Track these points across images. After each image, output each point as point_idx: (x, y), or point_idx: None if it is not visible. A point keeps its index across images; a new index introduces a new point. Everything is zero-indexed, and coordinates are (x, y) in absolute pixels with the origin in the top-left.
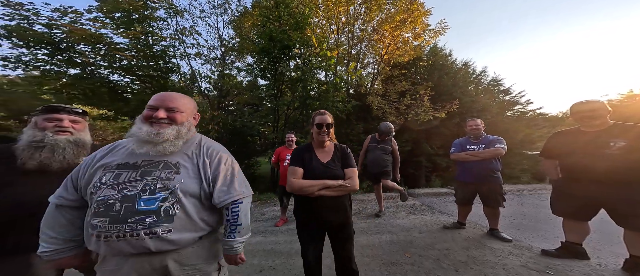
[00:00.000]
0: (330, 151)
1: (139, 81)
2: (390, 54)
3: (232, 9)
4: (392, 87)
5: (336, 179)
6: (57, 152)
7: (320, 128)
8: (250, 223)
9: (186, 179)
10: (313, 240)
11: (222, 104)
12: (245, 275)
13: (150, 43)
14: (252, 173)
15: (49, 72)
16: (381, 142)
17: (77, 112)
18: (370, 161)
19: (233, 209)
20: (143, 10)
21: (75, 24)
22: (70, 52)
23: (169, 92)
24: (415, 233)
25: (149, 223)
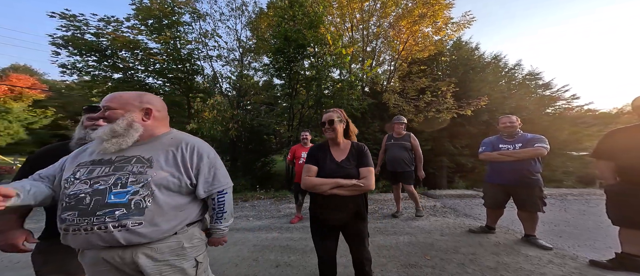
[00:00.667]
0: (346, 149)
1: (169, 83)
2: (408, 50)
3: (249, 10)
4: (411, 84)
5: (350, 178)
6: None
7: (323, 126)
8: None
9: (160, 173)
10: (325, 239)
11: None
12: (262, 268)
13: (178, 47)
14: (268, 170)
15: (98, 77)
16: (398, 138)
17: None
18: (388, 159)
19: (219, 198)
20: (171, 16)
21: (117, 32)
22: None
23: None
24: (436, 235)
25: (118, 216)
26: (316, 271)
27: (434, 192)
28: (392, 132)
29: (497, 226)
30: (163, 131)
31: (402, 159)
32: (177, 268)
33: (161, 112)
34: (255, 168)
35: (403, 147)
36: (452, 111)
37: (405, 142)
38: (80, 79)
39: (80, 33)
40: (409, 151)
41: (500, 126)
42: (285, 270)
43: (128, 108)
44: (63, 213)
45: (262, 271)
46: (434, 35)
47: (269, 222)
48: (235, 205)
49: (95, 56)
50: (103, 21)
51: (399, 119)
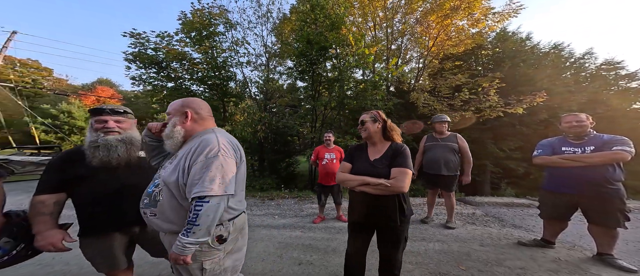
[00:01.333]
0: (382, 149)
1: (208, 89)
2: (439, 45)
3: (273, 17)
4: (443, 81)
5: (379, 177)
6: (111, 150)
7: (359, 124)
8: (213, 229)
9: (169, 169)
10: (357, 236)
11: (267, 106)
12: (285, 265)
13: (215, 55)
14: (292, 170)
15: (157, 86)
16: (442, 139)
17: (119, 112)
18: (428, 161)
19: (196, 205)
20: (209, 27)
21: (169, 46)
22: (168, 69)
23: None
24: (474, 245)
25: (145, 204)
26: (337, 271)
27: (474, 198)
28: (433, 133)
29: (558, 241)
30: (200, 130)
31: (448, 162)
32: (182, 266)
33: (200, 113)
34: (280, 168)
35: (449, 148)
36: (497, 109)
37: (451, 143)
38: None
39: (144, 49)
40: (455, 153)
41: (564, 125)
42: (307, 268)
43: (175, 113)
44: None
45: (285, 268)
46: (470, 28)
47: (293, 221)
48: (261, 203)
49: (155, 68)
50: (159, 37)
51: (440, 117)
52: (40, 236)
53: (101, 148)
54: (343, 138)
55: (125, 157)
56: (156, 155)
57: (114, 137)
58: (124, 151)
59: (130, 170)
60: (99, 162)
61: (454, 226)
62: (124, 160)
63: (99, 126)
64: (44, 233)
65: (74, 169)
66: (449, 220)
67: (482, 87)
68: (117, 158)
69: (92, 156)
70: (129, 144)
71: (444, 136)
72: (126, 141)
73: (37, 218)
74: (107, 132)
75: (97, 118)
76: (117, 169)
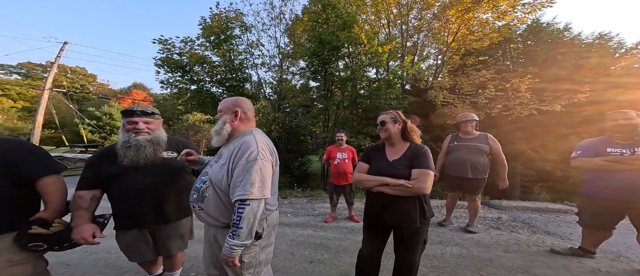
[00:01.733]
0: (401, 150)
1: (227, 91)
2: (459, 41)
3: (286, 18)
4: (465, 78)
5: (398, 178)
6: (140, 150)
7: (379, 125)
8: (254, 230)
9: (216, 169)
10: (375, 237)
11: (280, 106)
12: (297, 262)
13: (232, 58)
14: (305, 170)
15: (182, 89)
16: (468, 139)
17: (148, 113)
18: (452, 162)
19: (239, 208)
20: (226, 31)
21: (192, 50)
22: (191, 73)
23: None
24: (497, 250)
25: (193, 199)
26: (348, 271)
27: (500, 202)
28: (458, 132)
29: (600, 250)
30: (243, 130)
31: (475, 164)
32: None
33: (247, 114)
34: (293, 167)
35: (477, 150)
36: (529, 107)
37: (480, 144)
38: (171, 92)
39: (170, 54)
40: (485, 154)
41: (610, 124)
42: (318, 267)
43: (226, 111)
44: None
45: (296, 265)
46: (496, 21)
47: (305, 219)
48: None
49: (180, 72)
50: (183, 42)
51: (465, 116)
52: (76, 230)
53: (132, 148)
54: (356, 137)
55: (152, 157)
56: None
57: (144, 137)
58: (152, 151)
59: (153, 170)
60: (129, 161)
61: (476, 230)
62: (150, 160)
63: (130, 127)
64: (79, 227)
65: (106, 167)
66: (470, 224)
67: (510, 84)
68: (145, 157)
69: (124, 155)
70: (156, 145)
71: (472, 136)
72: (154, 141)
73: (76, 212)
74: (138, 132)
75: (128, 119)
76: (143, 169)
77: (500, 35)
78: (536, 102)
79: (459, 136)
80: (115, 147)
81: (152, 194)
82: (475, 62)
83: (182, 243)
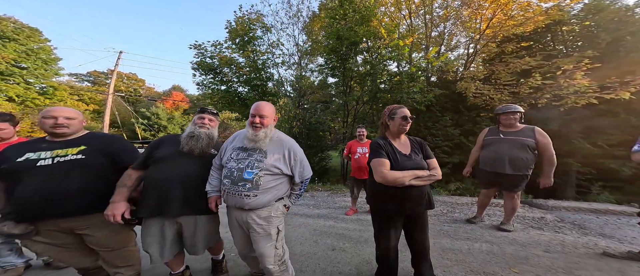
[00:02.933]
0: (407, 143)
1: (252, 90)
2: (496, 27)
3: (304, 15)
4: (503, 67)
5: (422, 169)
6: (198, 141)
7: (405, 120)
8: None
9: (271, 162)
10: (393, 228)
11: (300, 103)
12: (320, 250)
13: (255, 58)
14: (324, 165)
15: (214, 90)
16: (511, 132)
17: (214, 113)
18: (489, 157)
19: (304, 182)
20: (249, 33)
21: (221, 53)
22: (220, 74)
23: (260, 103)
24: (536, 250)
25: (247, 189)
26: (369, 259)
27: (545, 202)
28: (498, 126)
29: None
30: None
31: (515, 160)
32: (266, 232)
33: (275, 120)
34: (313, 162)
35: (521, 144)
36: (586, 95)
37: (525, 138)
38: (204, 92)
39: (203, 58)
40: (530, 150)
41: None
42: (340, 254)
43: (271, 116)
44: (224, 180)
45: (320, 252)
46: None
47: (326, 212)
48: None
49: (212, 74)
50: (213, 46)
51: (508, 108)
52: (111, 205)
53: (194, 137)
54: (377, 132)
55: (204, 149)
56: None
57: (205, 131)
58: (206, 144)
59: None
60: (188, 149)
61: (511, 228)
62: (203, 151)
63: (199, 121)
64: (115, 203)
65: (159, 149)
66: (505, 222)
67: (562, 71)
68: (200, 148)
69: (186, 143)
70: (211, 140)
71: (516, 130)
72: (210, 136)
73: (119, 188)
74: (201, 126)
75: (199, 115)
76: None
77: (549, 17)
78: (597, 90)
79: (499, 129)
80: (175, 135)
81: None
82: (517, 49)
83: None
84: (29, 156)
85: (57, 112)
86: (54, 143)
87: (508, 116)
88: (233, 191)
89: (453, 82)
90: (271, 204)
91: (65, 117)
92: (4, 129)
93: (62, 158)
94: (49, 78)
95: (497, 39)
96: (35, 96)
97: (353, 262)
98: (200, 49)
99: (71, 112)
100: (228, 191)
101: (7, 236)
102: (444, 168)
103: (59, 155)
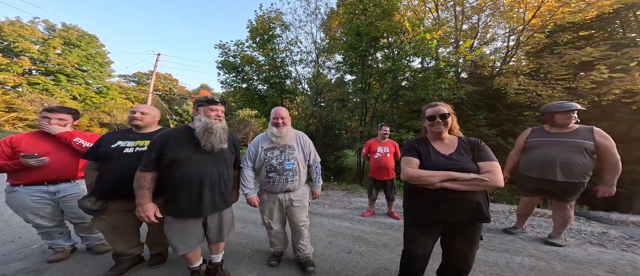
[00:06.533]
0: (452, 143)
1: (271, 88)
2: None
3: (322, 12)
4: (556, 59)
5: (465, 171)
6: (216, 136)
7: (433, 120)
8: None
9: (299, 154)
10: (423, 234)
11: (317, 101)
12: (335, 251)
13: (274, 57)
14: (340, 164)
15: (236, 88)
16: (563, 134)
17: (224, 103)
18: (534, 161)
19: (317, 167)
20: (268, 31)
21: (243, 52)
22: (242, 73)
23: (278, 108)
24: (596, 269)
25: (291, 175)
26: (387, 266)
27: (607, 215)
28: (546, 125)
29: None
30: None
31: (569, 165)
32: (303, 204)
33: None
34: (329, 160)
35: (577, 147)
36: None
37: (582, 140)
38: (228, 90)
39: (227, 57)
40: (587, 153)
41: None
42: (356, 258)
43: (288, 117)
44: (269, 174)
45: (335, 254)
46: None
47: (342, 212)
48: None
49: (234, 73)
50: (236, 45)
51: (565, 105)
52: (140, 208)
53: (213, 133)
54: (397, 131)
55: (220, 144)
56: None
57: (221, 125)
58: (221, 138)
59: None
60: (210, 146)
61: (563, 243)
62: (218, 147)
63: (213, 113)
64: (144, 206)
65: (170, 150)
66: (554, 235)
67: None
68: (219, 143)
69: (206, 140)
70: (225, 132)
71: (569, 131)
72: (225, 129)
73: (140, 191)
74: (216, 119)
75: (211, 106)
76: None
77: (619, 1)
78: None
79: (546, 130)
80: (184, 129)
81: (212, 182)
82: (573, 39)
83: (230, 229)
84: (119, 144)
85: (137, 108)
86: (137, 134)
87: (567, 115)
88: (279, 180)
89: (488, 77)
90: (303, 185)
91: (140, 113)
92: (65, 120)
93: (141, 148)
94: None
95: (546, 28)
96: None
97: (369, 267)
98: (224, 49)
99: (146, 108)
100: (276, 181)
101: (87, 210)
102: None
103: (139, 145)
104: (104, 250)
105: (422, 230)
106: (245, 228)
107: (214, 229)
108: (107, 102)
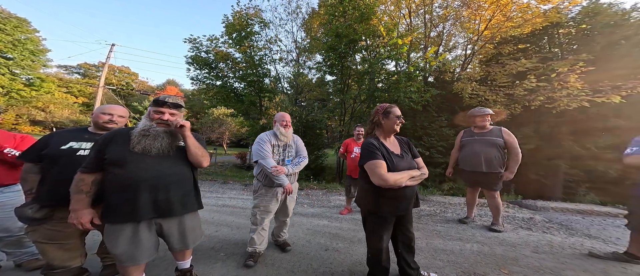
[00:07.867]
0: (395, 142)
1: (248, 86)
2: (494, 28)
3: (303, 12)
4: (500, 68)
5: (414, 169)
6: (157, 140)
7: (400, 118)
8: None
9: (294, 152)
10: (388, 230)
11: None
12: (313, 249)
13: (252, 54)
14: (320, 163)
15: (209, 85)
16: (482, 133)
17: (177, 105)
18: (465, 157)
19: (301, 159)
20: (246, 28)
21: (217, 48)
22: (216, 69)
23: (284, 113)
24: (525, 250)
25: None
26: (362, 260)
27: (534, 202)
28: (472, 127)
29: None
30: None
31: (489, 159)
32: (295, 194)
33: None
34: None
35: (491, 144)
36: (579, 98)
37: (494, 138)
38: (199, 88)
39: (199, 52)
40: (500, 148)
41: None
42: (333, 254)
43: (290, 121)
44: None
45: (312, 252)
46: (540, 4)
47: (321, 211)
48: None
49: (207, 69)
50: (209, 40)
51: (480, 110)
52: (74, 214)
53: (150, 137)
54: None
55: (167, 148)
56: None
57: (164, 129)
58: (168, 143)
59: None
60: (141, 149)
61: (501, 229)
62: (164, 151)
63: (156, 116)
64: (78, 212)
65: (112, 150)
66: (494, 222)
67: (556, 73)
68: (159, 147)
69: (137, 142)
70: (174, 137)
71: (486, 131)
72: (173, 133)
73: (76, 195)
74: (160, 124)
75: (156, 109)
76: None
77: (546, 20)
78: (589, 93)
79: (473, 130)
80: (127, 130)
81: (155, 184)
82: (514, 51)
83: (196, 236)
84: (72, 145)
85: (113, 110)
86: (96, 135)
87: (483, 118)
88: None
89: (450, 82)
90: (295, 180)
91: (118, 116)
92: None
93: None
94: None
95: (494, 40)
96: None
97: (346, 263)
98: (195, 43)
99: (123, 111)
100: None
101: (28, 219)
102: (439, 168)
103: None
104: (38, 265)
105: (385, 227)
106: (219, 231)
107: (174, 236)
108: (41, 97)
